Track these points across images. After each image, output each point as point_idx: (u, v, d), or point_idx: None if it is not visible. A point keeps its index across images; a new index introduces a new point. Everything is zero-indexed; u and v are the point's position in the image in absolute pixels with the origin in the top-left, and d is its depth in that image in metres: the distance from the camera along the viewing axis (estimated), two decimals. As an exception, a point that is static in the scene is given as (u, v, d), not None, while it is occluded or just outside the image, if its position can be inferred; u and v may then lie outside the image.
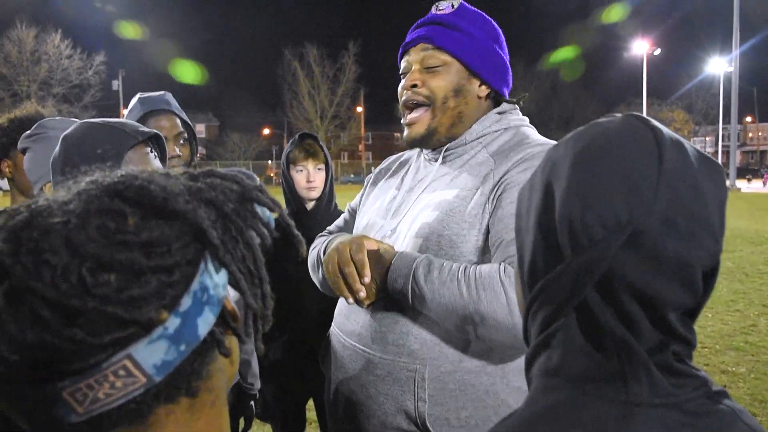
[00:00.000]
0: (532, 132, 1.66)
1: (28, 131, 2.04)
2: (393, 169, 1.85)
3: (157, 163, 1.49)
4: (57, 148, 1.45)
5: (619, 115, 0.79)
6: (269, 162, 66.23)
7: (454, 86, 1.59)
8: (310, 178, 2.70)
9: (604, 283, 0.72)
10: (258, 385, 2.40)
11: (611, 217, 0.71)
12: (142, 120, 2.15)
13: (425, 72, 1.60)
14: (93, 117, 2.42)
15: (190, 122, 2.28)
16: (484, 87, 1.63)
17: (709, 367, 5.05)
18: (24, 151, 2.02)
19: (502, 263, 1.37)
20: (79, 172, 0.67)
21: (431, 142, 1.63)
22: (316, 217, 2.73)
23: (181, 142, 2.21)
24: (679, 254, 0.70)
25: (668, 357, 0.73)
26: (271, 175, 62.32)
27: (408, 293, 1.42)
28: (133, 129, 1.47)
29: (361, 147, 70.85)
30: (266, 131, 73.73)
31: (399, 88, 1.66)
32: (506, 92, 1.68)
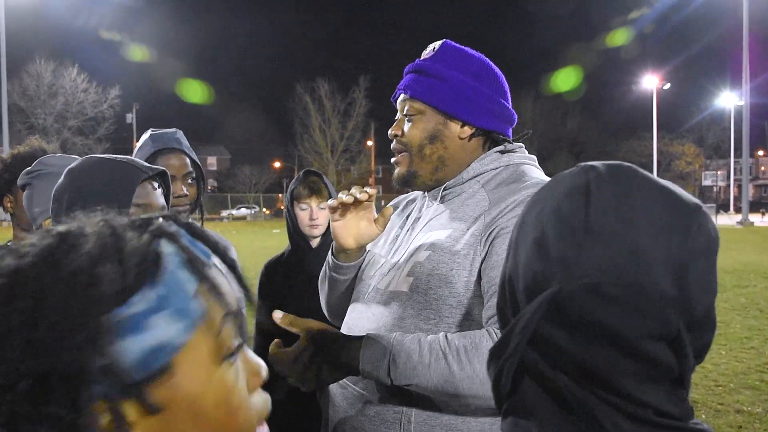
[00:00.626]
0: (533, 170, 1.63)
1: (28, 168, 2.05)
2: (401, 207, 1.86)
3: (161, 200, 1.50)
4: (61, 182, 1.44)
5: (586, 164, 0.74)
6: (280, 195, 66.51)
7: (428, 133, 1.61)
8: (313, 216, 2.68)
9: (544, 350, 0.69)
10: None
11: (534, 282, 0.69)
12: (152, 158, 2.16)
13: (405, 121, 1.65)
14: (107, 149, 2.43)
15: (198, 162, 2.29)
16: (467, 128, 1.62)
17: (723, 407, 4.94)
18: (23, 187, 2.02)
19: (488, 329, 1.35)
20: (83, 209, 0.68)
21: (416, 183, 1.66)
22: (320, 254, 2.71)
23: (189, 181, 2.22)
24: (609, 324, 0.65)
25: (647, 413, 0.68)
26: (282, 207, 62.50)
27: (388, 383, 1.37)
28: (141, 164, 1.48)
29: (371, 180, 71.08)
30: (277, 164, 74.31)
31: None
32: (503, 125, 1.65)
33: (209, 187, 68.83)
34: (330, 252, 1.76)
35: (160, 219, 0.65)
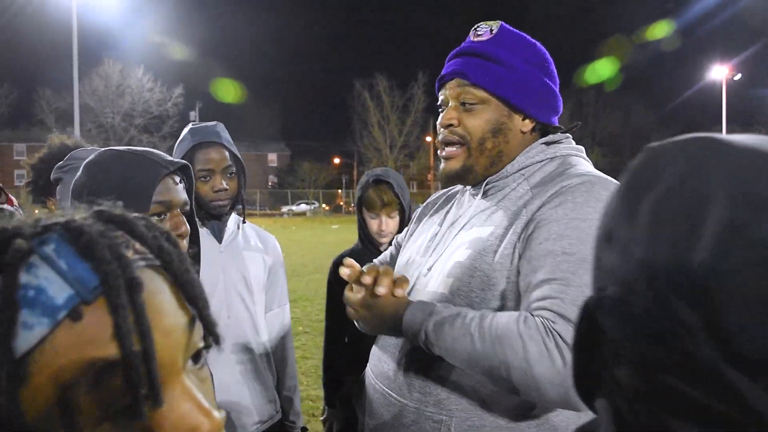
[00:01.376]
0: (580, 162, 1.50)
1: (60, 162, 2.05)
2: (439, 203, 1.76)
3: (184, 195, 1.42)
4: (80, 176, 1.37)
5: (646, 146, 0.60)
6: (339, 191, 67.12)
7: (492, 126, 1.48)
8: (382, 227, 2.62)
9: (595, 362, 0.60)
10: (300, 422, 2.37)
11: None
12: (191, 152, 2.14)
13: (462, 110, 1.50)
14: (172, 146, 2.40)
15: (239, 155, 2.25)
16: (528, 121, 1.51)
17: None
18: (57, 181, 2.02)
19: (524, 312, 1.25)
20: (100, 202, 0.59)
21: (468, 179, 1.54)
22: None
23: (229, 175, 2.18)
24: (621, 346, 0.54)
25: None
26: (341, 203, 63.10)
27: (424, 349, 1.34)
28: (162, 158, 1.39)
29: (429, 176, 70.96)
30: (336, 160, 74.97)
31: (437, 123, 1.57)
32: (555, 119, 1.55)
33: (270, 183, 69.91)
34: None
35: (40, 233, 0.51)
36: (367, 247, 2.73)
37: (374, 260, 1.94)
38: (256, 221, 2.42)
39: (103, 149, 1.44)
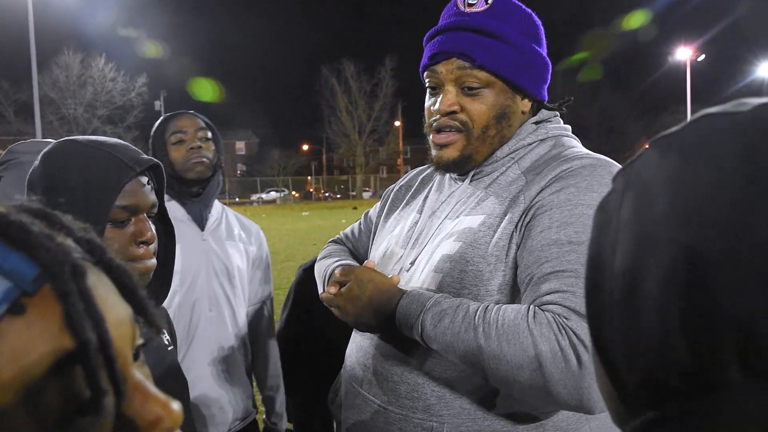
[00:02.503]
0: (574, 142, 1.41)
1: None
2: (415, 187, 1.61)
3: (152, 197, 1.26)
4: (36, 167, 1.24)
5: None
6: (309, 177, 66.86)
7: (498, 111, 1.35)
8: None
9: None
10: (284, 425, 2.27)
11: None
12: (165, 123, 2.09)
13: (462, 94, 1.35)
14: (137, 137, 2.28)
15: (214, 127, 2.17)
16: (527, 100, 1.39)
17: None
18: None
19: (532, 306, 1.13)
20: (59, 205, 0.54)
21: (467, 168, 1.40)
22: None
23: (204, 140, 2.09)
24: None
25: None
26: (311, 190, 62.87)
27: (420, 342, 1.24)
28: (131, 157, 1.23)
29: (399, 161, 70.96)
30: (305, 147, 74.69)
31: (429, 106, 1.41)
32: (546, 91, 1.44)
33: (238, 172, 69.29)
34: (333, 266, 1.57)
35: None
36: None
37: (340, 233, 1.82)
38: (226, 211, 2.33)
39: (65, 138, 1.29)
